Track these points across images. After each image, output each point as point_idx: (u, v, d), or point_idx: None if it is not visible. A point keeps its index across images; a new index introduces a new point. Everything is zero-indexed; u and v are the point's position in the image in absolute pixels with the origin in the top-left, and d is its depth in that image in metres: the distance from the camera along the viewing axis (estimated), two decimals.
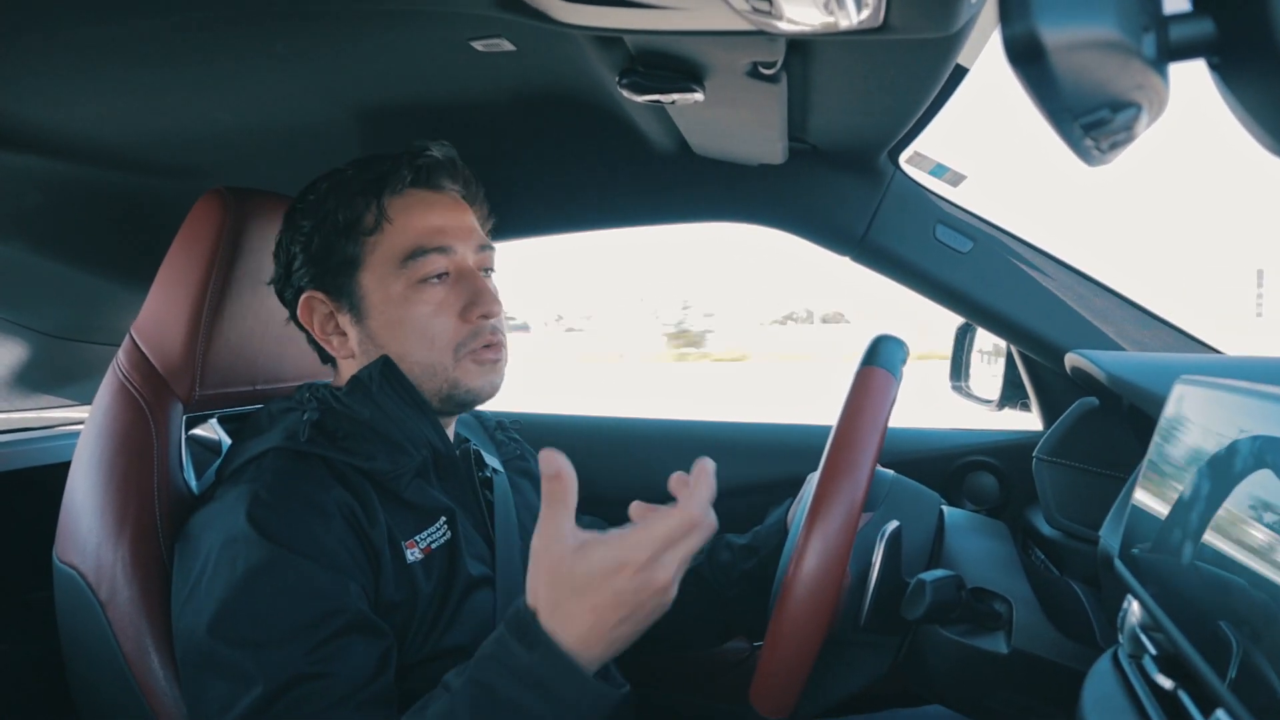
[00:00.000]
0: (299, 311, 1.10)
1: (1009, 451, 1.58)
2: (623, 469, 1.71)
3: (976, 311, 1.44)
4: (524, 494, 1.26)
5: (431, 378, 1.07)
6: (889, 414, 0.91)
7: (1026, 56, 0.38)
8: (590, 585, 0.79)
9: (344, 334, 1.09)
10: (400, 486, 1.02)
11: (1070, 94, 0.40)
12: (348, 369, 1.10)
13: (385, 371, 1.04)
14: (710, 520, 0.82)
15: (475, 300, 1.07)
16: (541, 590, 0.80)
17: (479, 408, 1.17)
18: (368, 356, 1.08)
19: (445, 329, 1.06)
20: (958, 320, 1.63)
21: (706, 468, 0.82)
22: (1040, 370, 1.51)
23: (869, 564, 0.97)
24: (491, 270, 1.14)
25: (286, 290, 1.12)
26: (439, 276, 1.07)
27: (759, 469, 1.66)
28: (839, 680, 1.02)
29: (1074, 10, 0.37)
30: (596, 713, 0.80)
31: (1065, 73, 0.39)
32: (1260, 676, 0.47)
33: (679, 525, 0.79)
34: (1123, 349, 1.36)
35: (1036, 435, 1.45)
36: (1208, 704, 0.54)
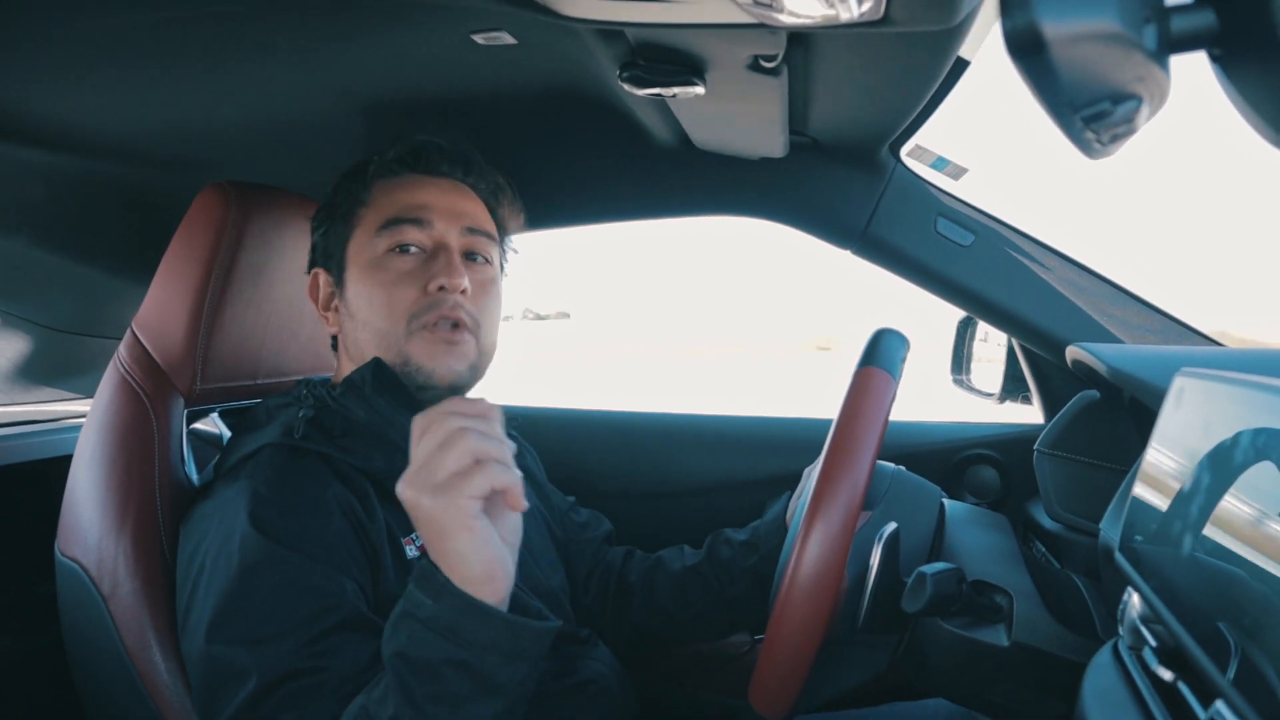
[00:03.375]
0: (309, 290, 1.14)
1: (1010, 444, 1.58)
2: (621, 463, 1.71)
3: (977, 305, 1.44)
4: None
5: (386, 350, 1.05)
6: (887, 416, 0.91)
7: (1027, 49, 0.38)
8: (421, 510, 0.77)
9: (337, 309, 1.12)
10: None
11: (1071, 86, 0.40)
12: (340, 351, 1.13)
13: (377, 373, 1.04)
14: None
15: (437, 271, 1.06)
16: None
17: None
18: (344, 332, 1.10)
19: (404, 298, 1.05)
20: (958, 314, 1.63)
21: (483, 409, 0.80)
22: (1041, 363, 1.51)
23: (867, 565, 0.96)
24: (479, 256, 1.13)
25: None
26: (415, 248, 1.07)
27: (757, 463, 1.66)
28: (839, 676, 1.02)
29: (1075, 2, 0.37)
30: (518, 649, 0.78)
31: (1066, 65, 0.39)
32: (1260, 668, 0.47)
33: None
34: (1123, 342, 1.36)
35: (1037, 428, 1.46)
36: (1208, 696, 0.54)
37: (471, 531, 0.76)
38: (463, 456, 0.76)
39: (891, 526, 0.98)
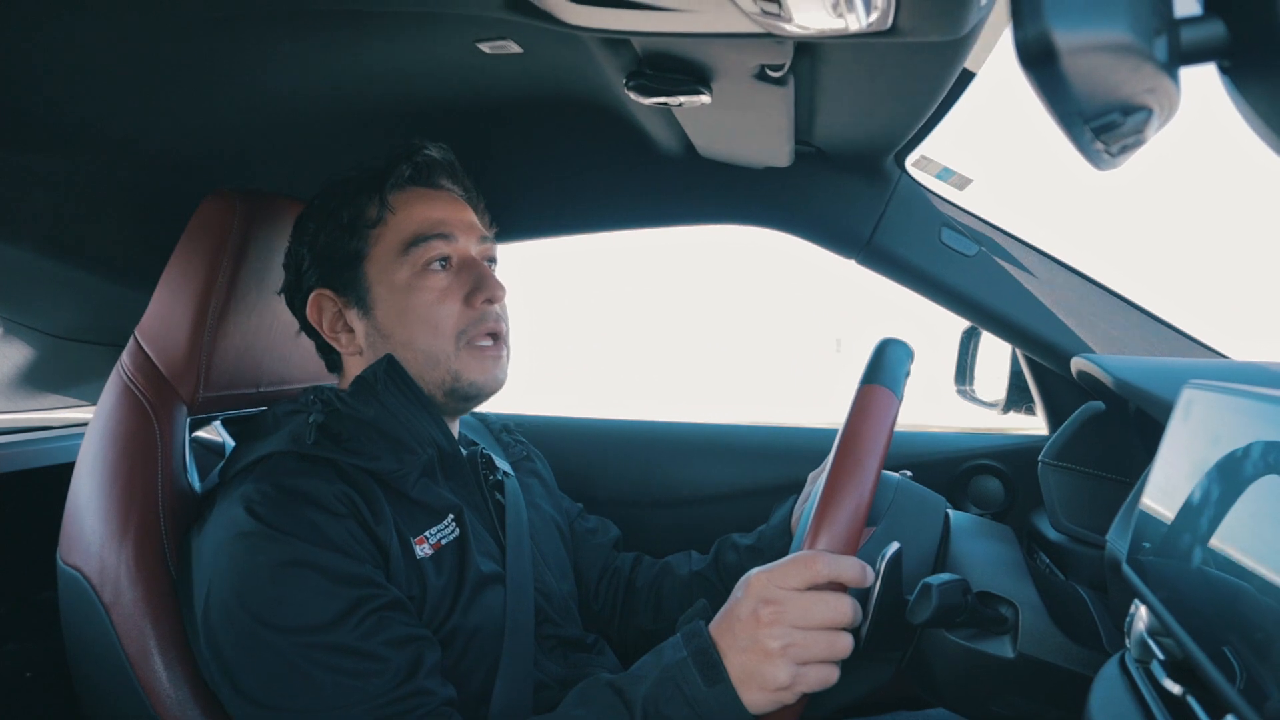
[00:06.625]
0: (308, 310, 1.11)
1: (1014, 455, 1.58)
2: (627, 472, 1.71)
3: (981, 315, 1.43)
4: (532, 494, 1.26)
5: (434, 368, 1.08)
6: (889, 435, 0.91)
7: (1039, 60, 0.38)
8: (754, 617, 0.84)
9: (351, 330, 1.10)
10: (407, 485, 1.02)
11: (1081, 97, 0.40)
12: (354, 368, 1.11)
13: (390, 370, 1.05)
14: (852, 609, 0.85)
15: (479, 286, 1.09)
16: (727, 623, 0.85)
17: (484, 410, 1.17)
18: (374, 351, 1.09)
19: (449, 315, 1.08)
20: (963, 324, 1.63)
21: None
22: (1045, 374, 1.51)
23: (869, 585, 0.96)
24: (494, 262, 1.16)
25: (296, 296, 1.13)
26: (442, 263, 1.09)
27: (763, 472, 1.66)
28: (842, 687, 1.01)
29: (1087, 14, 0.37)
30: None
31: (1077, 76, 0.39)
32: (1270, 682, 0.47)
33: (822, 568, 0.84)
34: (1127, 353, 1.35)
35: (1042, 439, 1.45)
36: (1217, 710, 0.53)
37: (783, 671, 0.83)
38: (832, 654, 0.84)
39: (894, 547, 0.97)
